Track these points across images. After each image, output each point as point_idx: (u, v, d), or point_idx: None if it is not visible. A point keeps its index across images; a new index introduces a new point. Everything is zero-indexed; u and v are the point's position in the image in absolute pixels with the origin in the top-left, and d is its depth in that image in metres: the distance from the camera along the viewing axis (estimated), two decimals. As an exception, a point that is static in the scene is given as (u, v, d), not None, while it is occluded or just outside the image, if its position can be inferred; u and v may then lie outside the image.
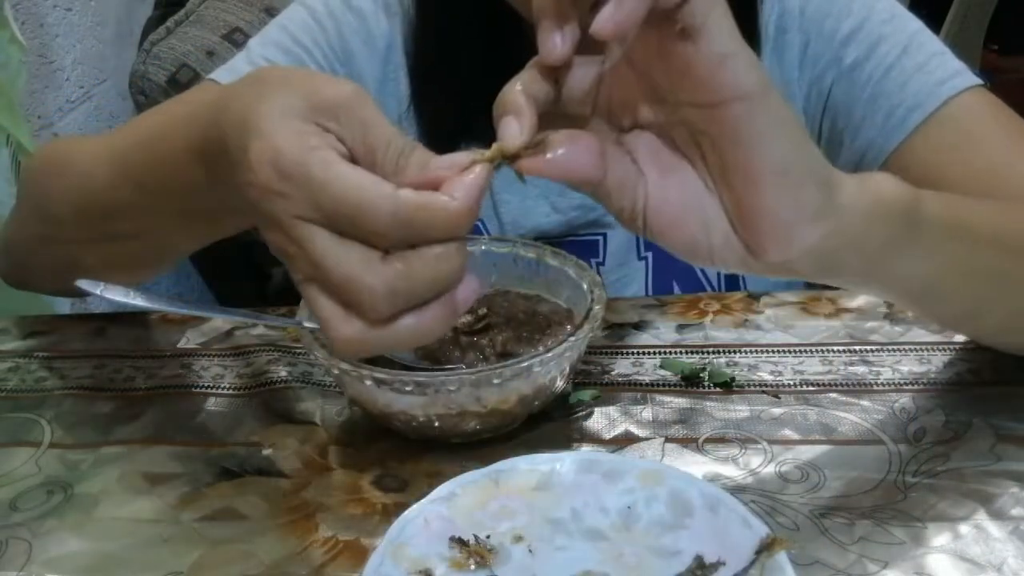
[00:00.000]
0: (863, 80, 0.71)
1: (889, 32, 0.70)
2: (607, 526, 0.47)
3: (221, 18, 1.43)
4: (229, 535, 0.51)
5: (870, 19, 0.71)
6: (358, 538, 0.50)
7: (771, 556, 0.42)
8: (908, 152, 0.68)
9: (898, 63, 0.69)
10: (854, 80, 0.71)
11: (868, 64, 0.70)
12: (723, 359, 0.62)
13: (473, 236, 0.66)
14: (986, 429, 0.54)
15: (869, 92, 0.70)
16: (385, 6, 0.78)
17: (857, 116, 0.71)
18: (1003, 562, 0.46)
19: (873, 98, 0.70)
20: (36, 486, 0.55)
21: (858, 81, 0.71)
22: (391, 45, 0.78)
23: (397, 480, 0.54)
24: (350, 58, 0.77)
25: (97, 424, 0.61)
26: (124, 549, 0.50)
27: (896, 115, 0.69)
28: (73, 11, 1.42)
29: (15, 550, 0.51)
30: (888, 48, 0.70)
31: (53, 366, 0.68)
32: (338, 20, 0.77)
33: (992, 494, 0.50)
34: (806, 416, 0.57)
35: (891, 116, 0.69)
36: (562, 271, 0.62)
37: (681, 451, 0.54)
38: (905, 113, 0.68)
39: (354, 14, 0.78)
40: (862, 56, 0.70)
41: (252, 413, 0.60)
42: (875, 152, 0.69)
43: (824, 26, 0.72)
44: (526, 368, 0.52)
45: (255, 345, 0.68)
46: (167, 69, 1.36)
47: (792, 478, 0.52)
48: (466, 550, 0.46)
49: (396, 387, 0.52)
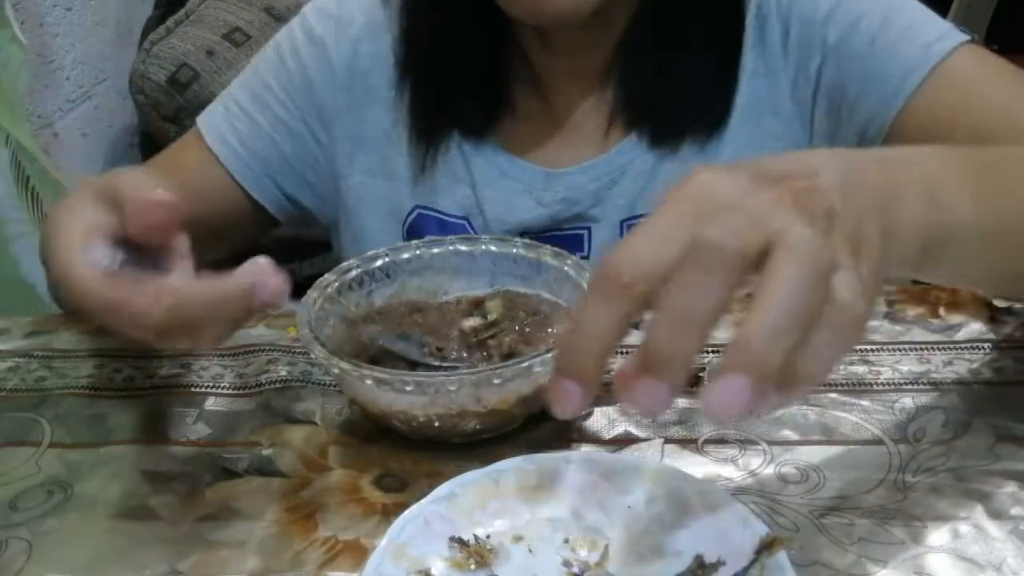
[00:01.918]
0: (850, 56, 0.71)
1: (868, 6, 0.71)
2: (607, 526, 0.47)
3: (221, 18, 1.43)
4: (229, 535, 0.51)
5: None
6: (358, 538, 0.50)
7: (771, 556, 0.42)
8: (910, 117, 0.69)
9: (881, 34, 0.70)
10: (841, 58, 0.71)
11: (852, 40, 0.71)
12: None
13: (472, 236, 0.66)
14: (986, 429, 0.54)
15: (859, 68, 0.71)
16: (342, 29, 0.81)
17: (852, 93, 0.71)
18: (1002, 561, 0.46)
19: (864, 73, 0.71)
20: (36, 486, 0.55)
21: (845, 58, 0.71)
22: (352, 68, 0.80)
23: (397, 480, 0.54)
24: (311, 90, 0.81)
25: (97, 424, 0.61)
26: (124, 549, 0.50)
27: (891, 84, 0.69)
28: (73, 11, 1.42)
29: (15, 550, 0.51)
30: (869, 21, 0.70)
31: (53, 366, 0.68)
32: (300, 55, 0.81)
33: (992, 494, 0.50)
34: (806, 416, 0.57)
35: (885, 86, 0.69)
36: (562, 271, 0.62)
37: (681, 452, 0.54)
38: (899, 82, 0.69)
39: (315, 45, 0.81)
40: (845, 33, 0.71)
41: (252, 413, 0.61)
42: (877, 124, 0.70)
43: (803, 11, 0.73)
44: (526, 368, 0.52)
45: (255, 345, 0.68)
46: (167, 68, 1.36)
47: (792, 478, 0.52)
48: (466, 550, 0.46)
49: (396, 387, 0.52)
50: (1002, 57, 0.69)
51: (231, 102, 0.83)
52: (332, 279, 0.62)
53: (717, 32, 0.74)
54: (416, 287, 0.65)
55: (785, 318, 0.33)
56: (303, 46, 0.81)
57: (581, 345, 0.36)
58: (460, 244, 0.65)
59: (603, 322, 0.36)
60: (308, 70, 0.81)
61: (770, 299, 0.33)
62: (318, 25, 0.82)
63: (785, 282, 0.33)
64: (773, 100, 0.75)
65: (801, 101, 0.74)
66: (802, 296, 0.34)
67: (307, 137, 0.82)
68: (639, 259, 0.35)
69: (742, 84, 0.74)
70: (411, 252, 0.65)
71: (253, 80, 0.83)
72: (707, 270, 0.34)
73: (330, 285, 0.61)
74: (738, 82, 0.74)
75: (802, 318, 0.34)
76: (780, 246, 0.34)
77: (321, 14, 0.82)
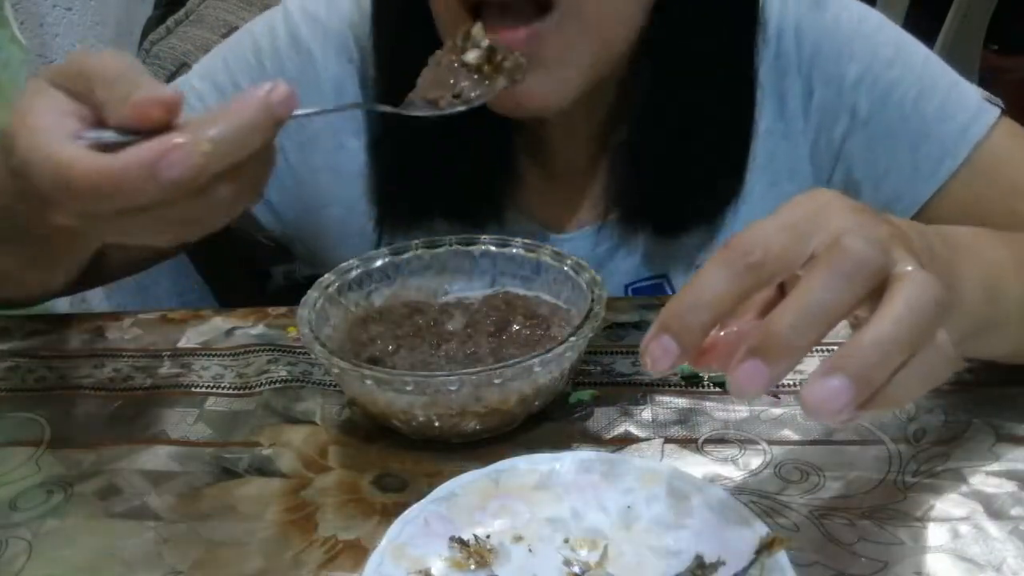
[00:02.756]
0: (881, 132, 0.69)
1: (898, 76, 0.68)
2: (607, 526, 0.47)
3: (221, 18, 1.43)
4: (229, 535, 0.51)
5: (875, 62, 0.68)
6: (358, 538, 0.50)
7: (771, 556, 0.43)
8: (944, 200, 0.68)
9: (916, 111, 0.68)
10: (871, 132, 0.69)
11: (884, 115, 0.68)
12: (723, 359, 0.62)
13: (472, 236, 0.66)
14: (986, 429, 0.54)
15: (890, 144, 0.69)
16: (338, 49, 0.74)
17: (880, 167, 0.69)
18: (1002, 562, 0.46)
19: (895, 150, 0.69)
20: (36, 486, 0.55)
21: (876, 133, 0.69)
22: (342, 91, 0.73)
23: (397, 480, 0.54)
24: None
25: (97, 424, 0.61)
26: (124, 549, 0.50)
27: (925, 167, 0.67)
28: (73, 11, 1.42)
29: (15, 550, 0.50)
30: (902, 95, 0.68)
31: (53, 366, 0.68)
32: (281, 60, 0.74)
33: (991, 494, 0.50)
34: (806, 416, 0.56)
35: (919, 168, 0.68)
36: (562, 271, 0.62)
37: (681, 452, 0.54)
38: (934, 165, 0.67)
39: (301, 54, 0.74)
40: (876, 107, 0.68)
41: (252, 413, 0.60)
42: (907, 202, 0.69)
43: (827, 71, 0.69)
44: (526, 368, 0.52)
45: (255, 345, 0.68)
46: (167, 68, 1.36)
47: (792, 478, 0.52)
48: (466, 550, 0.46)
49: (396, 387, 0.52)
50: (1002, 58, 0.69)
51: (191, 93, 0.74)
52: (332, 279, 0.62)
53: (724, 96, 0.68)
54: (416, 287, 0.65)
55: (903, 337, 0.35)
56: (285, 51, 0.74)
57: (692, 306, 0.37)
58: (460, 244, 0.65)
59: (721, 290, 0.36)
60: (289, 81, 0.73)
61: (892, 317, 0.35)
62: (304, 27, 0.74)
63: (909, 307, 0.35)
64: (791, 161, 0.72)
65: (820, 164, 0.72)
66: (920, 325, 0.35)
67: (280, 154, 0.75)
68: (772, 244, 0.37)
69: (757, 143, 0.71)
70: (411, 252, 0.65)
71: (221, 74, 0.75)
72: (846, 275, 0.35)
73: (330, 285, 0.61)
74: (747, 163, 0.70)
75: (912, 344, 0.35)
76: (907, 276, 0.36)
77: (307, 16, 0.74)
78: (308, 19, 0.74)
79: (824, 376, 0.35)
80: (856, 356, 0.35)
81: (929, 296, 0.35)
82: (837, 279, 0.35)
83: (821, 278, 0.35)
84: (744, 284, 0.36)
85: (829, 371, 0.35)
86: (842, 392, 0.34)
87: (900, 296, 0.35)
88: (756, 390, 0.36)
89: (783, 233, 0.37)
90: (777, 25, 0.70)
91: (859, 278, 0.35)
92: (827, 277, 0.35)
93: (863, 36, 0.69)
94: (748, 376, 0.35)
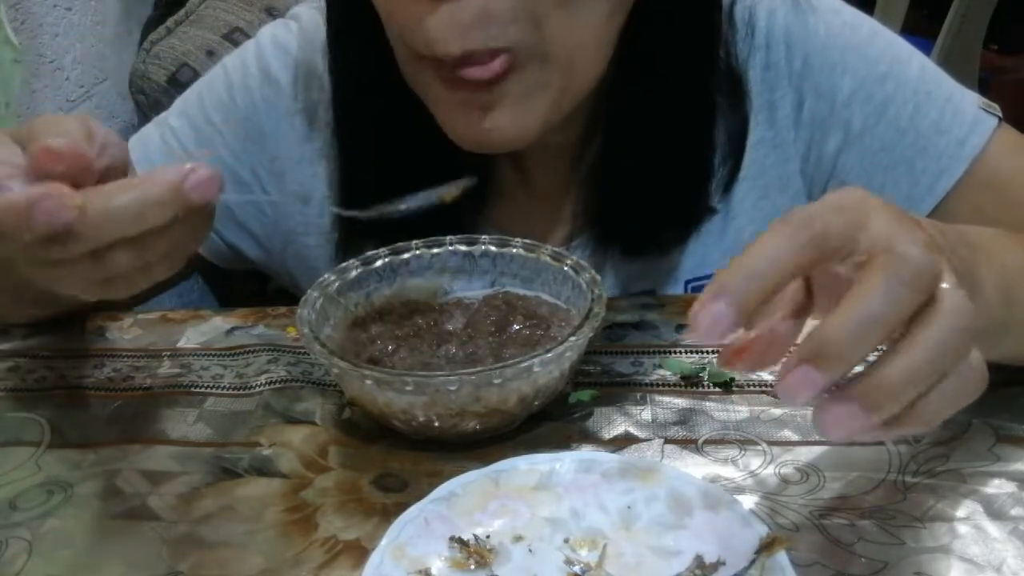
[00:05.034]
0: (876, 148, 0.68)
1: (893, 91, 0.67)
2: (607, 526, 0.47)
3: (221, 18, 1.43)
4: (229, 535, 0.51)
5: (870, 75, 0.68)
6: (358, 538, 0.50)
7: (771, 556, 0.43)
8: (945, 213, 0.67)
9: (912, 126, 0.67)
10: (866, 148, 0.68)
11: (879, 130, 0.68)
12: (723, 359, 0.62)
13: (472, 236, 0.66)
14: (985, 429, 0.55)
15: (886, 159, 0.68)
16: (307, 79, 0.74)
17: (876, 182, 0.68)
18: (1002, 562, 0.46)
19: (891, 165, 0.68)
20: (36, 486, 0.55)
21: (871, 149, 0.68)
22: (313, 122, 0.74)
23: (397, 480, 0.54)
24: (262, 137, 0.75)
25: (97, 424, 0.61)
26: (124, 549, 0.50)
27: (923, 182, 0.67)
28: (73, 11, 1.41)
29: (15, 550, 0.50)
30: (897, 110, 0.67)
31: (53, 366, 0.68)
32: (252, 94, 0.74)
33: (991, 494, 0.50)
34: (806, 417, 0.57)
35: (917, 183, 0.67)
36: (562, 271, 0.62)
37: (681, 452, 0.54)
38: (932, 180, 0.67)
39: (271, 86, 0.74)
40: (871, 122, 0.68)
41: (252, 413, 0.60)
42: None
43: (819, 83, 0.68)
44: (526, 368, 0.52)
45: (255, 345, 0.68)
46: (167, 69, 1.36)
47: (792, 479, 0.52)
48: (466, 550, 0.46)
49: (396, 387, 0.52)
50: (1002, 58, 0.69)
51: (168, 132, 0.76)
52: (332, 279, 0.62)
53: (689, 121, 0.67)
54: (416, 287, 0.65)
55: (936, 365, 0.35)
56: (256, 84, 0.74)
57: (751, 273, 0.35)
58: (460, 244, 0.65)
59: (782, 259, 0.35)
60: (259, 114, 0.74)
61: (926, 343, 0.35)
62: (274, 60, 0.74)
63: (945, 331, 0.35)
64: (781, 171, 0.71)
65: (810, 177, 0.71)
66: (957, 351, 0.35)
67: (255, 187, 0.76)
68: (832, 222, 0.36)
69: (746, 154, 0.70)
70: (411, 252, 0.65)
71: (196, 112, 0.76)
72: (906, 283, 0.35)
73: (330, 285, 0.61)
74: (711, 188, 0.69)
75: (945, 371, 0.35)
76: (946, 296, 0.35)
77: (279, 47, 0.74)
78: (279, 50, 0.75)
79: (845, 402, 0.34)
80: (884, 383, 0.34)
81: (965, 323, 0.35)
82: (897, 287, 0.34)
83: (880, 285, 0.34)
84: (805, 256, 0.36)
85: (847, 396, 0.34)
86: (865, 417, 0.34)
87: (936, 320, 0.35)
88: (807, 397, 0.35)
89: (840, 215, 0.36)
90: (766, 34, 0.69)
91: (917, 287, 0.35)
92: (886, 284, 0.34)
93: (855, 48, 0.68)
94: (800, 383, 0.35)
